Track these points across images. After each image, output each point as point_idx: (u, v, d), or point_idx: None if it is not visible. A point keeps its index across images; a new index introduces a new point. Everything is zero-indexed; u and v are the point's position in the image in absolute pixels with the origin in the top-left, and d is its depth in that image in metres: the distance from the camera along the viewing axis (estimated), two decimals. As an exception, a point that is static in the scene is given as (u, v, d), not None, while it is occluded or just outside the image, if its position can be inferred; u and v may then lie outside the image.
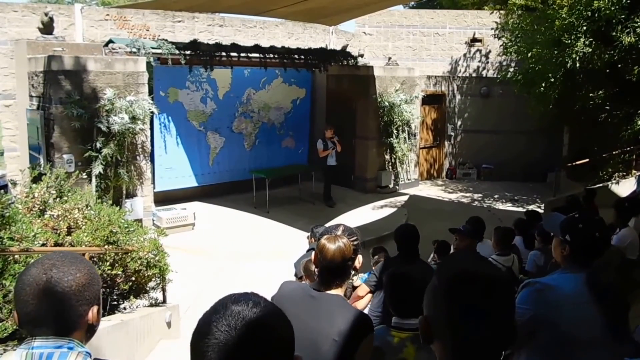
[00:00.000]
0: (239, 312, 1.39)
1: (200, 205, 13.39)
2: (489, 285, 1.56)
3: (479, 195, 16.48)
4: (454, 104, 18.60)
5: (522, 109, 15.89)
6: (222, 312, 1.40)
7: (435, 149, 18.75)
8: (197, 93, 13.67)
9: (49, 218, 6.05)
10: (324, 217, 11.70)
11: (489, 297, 1.54)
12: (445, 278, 1.62)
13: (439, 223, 10.68)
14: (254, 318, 1.39)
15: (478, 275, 1.58)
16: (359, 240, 2.90)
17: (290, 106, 15.81)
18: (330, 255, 2.73)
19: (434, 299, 1.62)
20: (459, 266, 1.65)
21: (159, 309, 7.37)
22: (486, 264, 1.64)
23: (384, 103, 15.21)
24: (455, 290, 1.57)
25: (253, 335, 1.37)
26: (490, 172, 18.42)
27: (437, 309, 1.61)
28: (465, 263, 1.67)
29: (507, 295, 1.60)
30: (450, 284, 1.59)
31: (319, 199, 14.21)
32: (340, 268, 2.78)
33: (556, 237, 3.11)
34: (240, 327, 1.36)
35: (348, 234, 2.84)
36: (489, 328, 1.54)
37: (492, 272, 1.60)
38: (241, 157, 14.79)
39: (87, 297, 1.94)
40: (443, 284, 1.60)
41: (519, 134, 17.47)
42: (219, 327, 1.36)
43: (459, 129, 18.71)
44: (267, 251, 10.84)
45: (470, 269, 1.61)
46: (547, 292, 2.86)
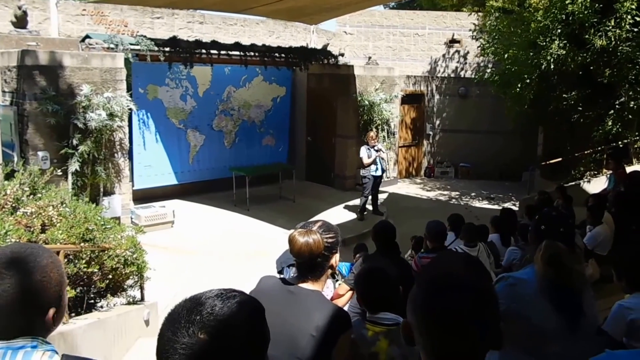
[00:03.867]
0: (211, 306, 1.37)
1: (180, 203, 13.22)
2: (469, 294, 1.48)
3: (457, 193, 16.50)
4: (432, 103, 18.63)
5: (499, 109, 16.02)
6: (192, 308, 1.37)
7: (414, 148, 18.76)
8: (177, 90, 13.50)
9: (21, 215, 5.86)
10: (305, 215, 11.58)
11: (469, 306, 1.46)
12: (422, 286, 1.55)
13: (418, 220, 10.66)
14: (225, 312, 1.36)
15: (456, 284, 1.50)
16: (338, 238, 2.83)
17: (270, 104, 15.69)
18: (297, 248, 2.68)
19: (413, 306, 1.54)
20: (437, 272, 1.59)
21: (137, 307, 7.24)
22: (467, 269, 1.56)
23: (364, 102, 15.15)
24: (431, 300, 1.50)
25: (222, 330, 1.34)
26: (467, 171, 18.52)
27: (416, 317, 1.53)
28: (444, 268, 1.59)
29: (488, 302, 1.51)
30: (426, 292, 1.52)
31: (299, 197, 14.10)
32: (310, 263, 2.72)
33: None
34: (209, 323, 1.34)
35: (324, 230, 2.75)
36: (469, 338, 1.45)
37: (472, 280, 1.52)
38: (221, 155, 14.66)
39: (41, 301, 1.88)
40: (420, 292, 1.54)
41: (495, 134, 17.59)
42: (187, 324, 1.33)
43: (437, 128, 18.75)
44: (247, 249, 10.72)
45: (449, 276, 1.53)
46: (520, 286, 2.94)
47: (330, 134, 15.67)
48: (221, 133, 14.69)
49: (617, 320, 3.53)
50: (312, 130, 16.33)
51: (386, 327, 3.18)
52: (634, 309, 3.48)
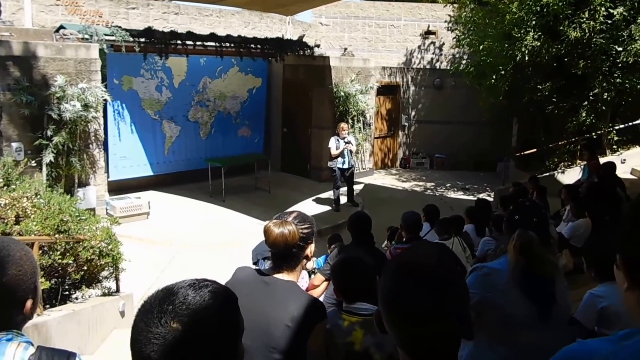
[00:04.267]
0: (184, 296, 1.38)
1: (155, 194, 13.16)
2: (435, 284, 1.47)
3: (432, 184, 16.61)
4: (408, 94, 18.70)
5: (474, 101, 16.08)
6: (165, 298, 1.38)
7: (390, 139, 18.84)
8: (152, 81, 13.42)
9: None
10: (280, 206, 11.60)
11: (434, 296, 1.45)
12: (388, 275, 1.55)
13: (393, 211, 10.73)
14: (198, 302, 1.37)
15: (422, 273, 1.50)
16: (313, 229, 2.85)
17: (246, 95, 15.67)
18: (272, 238, 2.69)
19: (380, 296, 1.55)
20: (404, 261, 1.58)
21: (112, 298, 7.24)
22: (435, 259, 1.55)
23: (340, 93, 15.17)
24: (396, 290, 1.50)
25: (194, 319, 1.34)
26: (442, 162, 18.63)
27: (383, 306, 1.54)
28: (412, 257, 1.59)
29: (457, 292, 1.51)
30: (392, 281, 1.53)
31: (275, 188, 14.10)
32: (285, 253, 2.74)
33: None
34: (182, 312, 1.34)
35: (299, 221, 2.77)
36: (435, 328, 1.45)
37: (440, 269, 1.51)
38: (197, 146, 14.62)
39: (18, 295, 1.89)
40: (386, 281, 1.54)
41: (470, 125, 17.70)
42: (160, 314, 1.34)
43: (412, 119, 18.82)
44: (223, 240, 10.72)
45: (415, 265, 1.53)
46: (494, 276, 2.96)
47: (306, 125, 15.70)
48: (197, 124, 14.64)
49: (588, 308, 3.55)
50: (288, 121, 16.32)
51: (362, 317, 3.17)
52: (604, 297, 3.49)
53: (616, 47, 12.34)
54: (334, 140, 12.50)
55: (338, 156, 12.45)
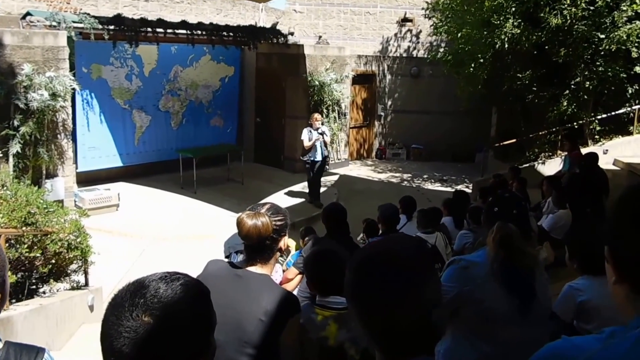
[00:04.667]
0: (155, 289, 1.39)
1: (125, 185, 13.11)
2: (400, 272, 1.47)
3: (409, 175, 16.71)
4: (384, 83, 18.76)
5: (452, 90, 16.12)
6: (136, 291, 1.40)
7: (365, 129, 18.90)
8: (122, 70, 13.34)
9: (-40, 199, 5.78)
10: (253, 198, 11.61)
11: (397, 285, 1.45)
12: (352, 265, 1.56)
13: (369, 202, 10.80)
14: (169, 295, 1.39)
15: (386, 261, 1.50)
16: (287, 221, 2.87)
17: (218, 84, 15.63)
18: (245, 230, 2.70)
19: (345, 286, 1.56)
20: (369, 251, 1.59)
21: (81, 292, 7.23)
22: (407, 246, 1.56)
23: (314, 82, 15.18)
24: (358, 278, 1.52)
25: (166, 313, 1.36)
26: (419, 153, 18.70)
27: (346, 297, 1.56)
28: (378, 247, 1.60)
29: (424, 282, 1.50)
30: (355, 271, 1.53)
31: (248, 179, 14.11)
32: (258, 246, 2.76)
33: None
34: (153, 306, 1.36)
35: (272, 213, 2.79)
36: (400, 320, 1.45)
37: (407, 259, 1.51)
38: (168, 136, 14.58)
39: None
40: (350, 271, 1.55)
41: (448, 115, 17.74)
42: (131, 308, 1.36)
43: (389, 109, 18.89)
44: (195, 232, 10.74)
45: (380, 254, 1.54)
46: (472, 269, 2.92)
47: (280, 115, 15.71)
48: (168, 114, 14.58)
49: (566, 301, 3.54)
50: (261, 111, 16.33)
51: (336, 311, 3.17)
52: (583, 291, 3.48)
53: (598, 34, 12.34)
54: (306, 131, 12.37)
55: (310, 148, 12.30)
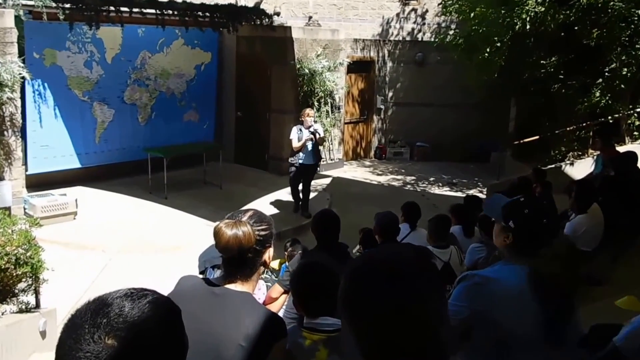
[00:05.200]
0: (119, 307, 1.38)
1: (84, 190, 13.06)
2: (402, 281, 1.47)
3: (412, 177, 16.76)
4: (384, 72, 18.78)
5: (463, 79, 16.06)
6: (98, 310, 1.38)
7: (363, 125, 18.93)
8: (80, 55, 13.27)
9: None
10: (233, 204, 11.55)
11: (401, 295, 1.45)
12: (349, 274, 1.56)
13: (366, 209, 10.81)
14: (136, 314, 1.38)
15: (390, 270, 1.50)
16: (272, 230, 2.87)
17: (193, 73, 15.62)
18: (224, 242, 2.68)
19: (339, 299, 1.56)
20: (368, 259, 1.61)
21: (31, 315, 7.15)
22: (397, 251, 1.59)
23: (304, 70, 15.21)
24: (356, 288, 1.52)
25: (132, 334, 1.35)
26: (425, 152, 18.74)
27: (343, 310, 1.55)
28: (378, 255, 1.61)
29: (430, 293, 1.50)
30: (351, 280, 1.54)
31: (227, 182, 14.11)
32: (239, 259, 2.75)
33: (498, 223, 3.11)
34: (118, 326, 1.35)
35: (255, 221, 2.79)
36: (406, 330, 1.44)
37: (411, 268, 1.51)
38: (134, 132, 14.54)
39: None
40: (346, 280, 1.55)
41: (458, 108, 17.81)
42: (92, 329, 1.34)
43: (390, 101, 18.91)
44: (165, 244, 10.73)
45: (382, 262, 1.54)
46: (487, 286, 2.88)
47: (264, 109, 15.71)
48: (134, 107, 14.54)
49: (636, 337, 3.44)
50: (242, 103, 16.33)
51: (326, 334, 3.18)
52: None
53: (639, 12, 12.23)
54: (295, 130, 12.10)
55: (300, 150, 12.01)
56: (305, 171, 12.21)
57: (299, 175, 12.21)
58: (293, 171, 12.18)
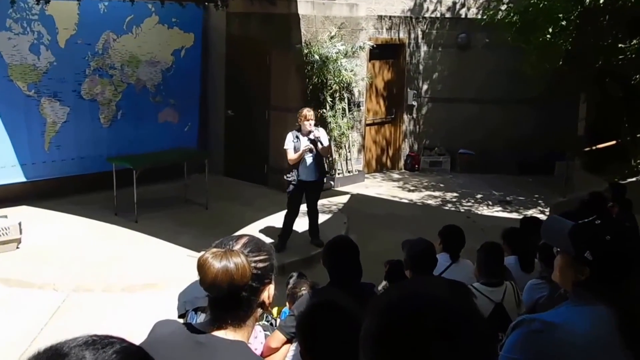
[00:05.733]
0: (78, 358, 1.39)
1: (31, 211, 13.17)
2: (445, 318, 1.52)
3: (454, 194, 16.77)
4: (417, 58, 18.81)
5: (518, 67, 15.94)
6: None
7: (390, 126, 18.96)
8: (25, 37, 13.36)
9: None
10: (223, 229, 11.63)
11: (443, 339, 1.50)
12: (376, 311, 1.61)
13: (394, 235, 10.79)
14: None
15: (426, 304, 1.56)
16: (272, 261, 2.88)
17: (170, 60, 15.68)
18: (211, 277, 2.66)
19: (363, 343, 1.61)
20: (399, 293, 1.66)
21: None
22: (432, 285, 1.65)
23: (313, 56, 15.24)
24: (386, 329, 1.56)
25: None
26: (470, 161, 18.73)
27: (365, 351, 1.61)
28: (411, 287, 1.69)
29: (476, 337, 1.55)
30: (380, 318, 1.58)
31: (215, 200, 14.22)
32: (230, 299, 2.75)
33: (563, 255, 3.11)
34: None
35: (251, 250, 2.80)
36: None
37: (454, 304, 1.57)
38: (95, 137, 14.57)
39: None
40: (372, 321, 1.60)
41: (512, 104, 17.80)
42: None
43: (424, 96, 18.92)
44: (135, 280, 10.75)
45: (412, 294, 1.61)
46: (551, 334, 2.85)
47: (263, 106, 15.81)
48: (94, 104, 14.56)
49: None
50: (234, 99, 16.44)
51: None
52: None
53: None
54: (290, 137, 11.87)
55: (297, 162, 11.73)
56: (307, 189, 11.98)
57: (298, 195, 11.99)
58: (291, 190, 11.92)
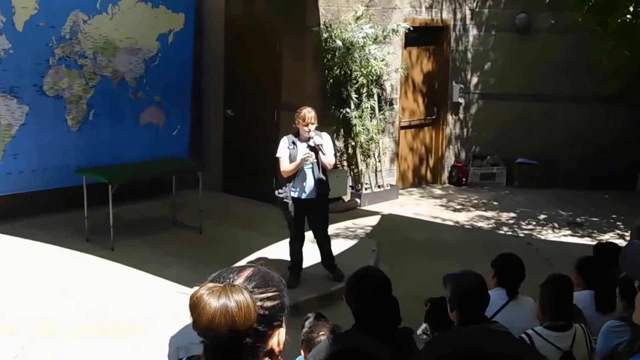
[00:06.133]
0: None
1: (-19, 235, 13.23)
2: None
3: (511, 215, 16.76)
4: (465, 44, 18.84)
5: (593, 56, 15.91)
6: None
7: (430, 130, 18.99)
8: (-27, 20, 13.49)
9: None
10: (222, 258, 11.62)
11: None
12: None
13: (435, 267, 10.79)
14: None
15: None
16: (283, 299, 2.89)
17: (155, 47, 15.76)
18: (207, 319, 2.65)
19: None
20: (453, 345, 1.67)
21: None
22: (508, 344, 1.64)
23: (335, 42, 15.28)
24: None
25: None
26: (531, 173, 18.73)
27: None
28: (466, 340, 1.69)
29: None
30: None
31: (211, 222, 14.23)
32: (231, 346, 2.72)
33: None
34: None
35: (257, 285, 2.80)
36: None
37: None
38: (61, 143, 14.61)
39: None
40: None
41: (584, 103, 17.80)
42: None
43: (474, 91, 18.96)
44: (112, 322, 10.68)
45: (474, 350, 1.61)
46: None
47: (270, 104, 15.88)
48: (60, 102, 14.61)
49: None
50: (235, 96, 16.52)
51: None
52: None
53: None
54: (285, 143, 11.60)
55: (294, 175, 11.54)
56: (307, 210, 11.68)
57: (298, 216, 11.66)
58: (287, 211, 11.60)
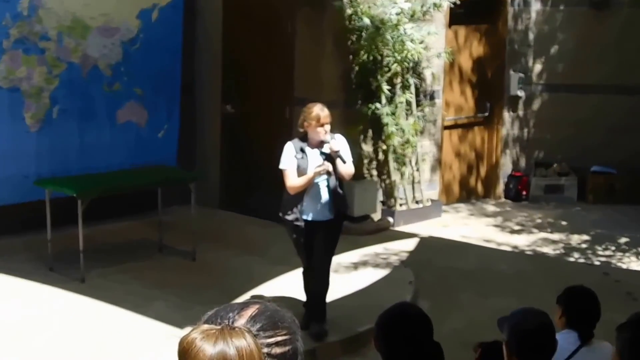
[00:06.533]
0: None
1: None
2: None
3: (583, 238, 16.74)
4: (525, 23, 18.86)
5: None
6: None
7: (482, 130, 19.09)
8: None
9: None
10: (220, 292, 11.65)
11: None
12: None
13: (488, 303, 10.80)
14: None
15: None
16: (296, 345, 2.76)
17: (136, 26, 15.81)
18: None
19: None
20: None
21: None
22: None
23: (361, 20, 15.33)
24: None
25: None
26: (609, 185, 18.74)
27: None
28: None
29: None
30: None
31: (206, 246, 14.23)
32: None
33: None
34: None
35: (263, 327, 2.70)
36: None
37: None
38: (17, 147, 14.65)
39: None
40: None
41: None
42: None
43: (537, 82, 18.97)
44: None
45: None
46: None
47: (280, 99, 15.96)
48: (16, 95, 14.66)
49: None
50: (235, 89, 16.57)
51: None
52: None
53: None
54: (291, 150, 11.35)
55: (301, 189, 11.24)
56: (320, 231, 11.46)
57: (309, 242, 11.43)
58: (295, 237, 11.49)
